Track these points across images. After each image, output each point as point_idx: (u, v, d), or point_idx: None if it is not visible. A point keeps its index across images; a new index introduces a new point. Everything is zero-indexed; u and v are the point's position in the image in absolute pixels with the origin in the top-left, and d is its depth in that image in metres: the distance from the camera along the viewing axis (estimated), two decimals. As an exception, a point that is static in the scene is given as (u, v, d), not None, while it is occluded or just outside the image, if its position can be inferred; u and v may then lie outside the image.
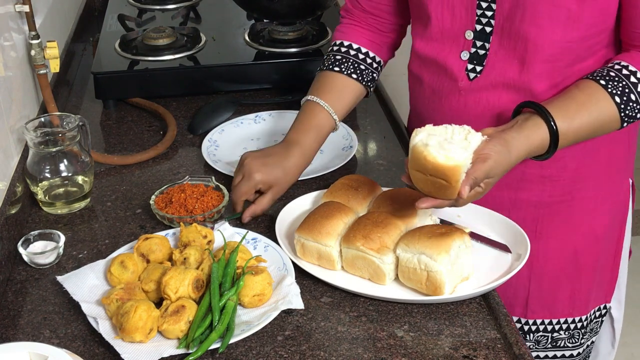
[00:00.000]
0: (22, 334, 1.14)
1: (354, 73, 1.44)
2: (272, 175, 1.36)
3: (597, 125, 1.24)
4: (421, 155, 1.11)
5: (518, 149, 1.20)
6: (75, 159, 1.43)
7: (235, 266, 1.18)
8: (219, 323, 1.09)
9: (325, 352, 1.09)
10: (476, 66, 1.31)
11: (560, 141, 1.22)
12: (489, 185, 1.19)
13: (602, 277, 1.48)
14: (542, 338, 1.49)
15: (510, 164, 1.19)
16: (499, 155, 1.16)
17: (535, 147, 1.22)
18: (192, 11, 2.22)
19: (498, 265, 1.23)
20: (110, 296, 1.12)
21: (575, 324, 1.48)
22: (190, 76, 1.86)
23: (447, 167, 1.09)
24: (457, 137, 1.15)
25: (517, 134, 1.21)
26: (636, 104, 1.23)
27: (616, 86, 1.22)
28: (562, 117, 1.21)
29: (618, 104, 1.22)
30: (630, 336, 2.81)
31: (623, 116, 1.23)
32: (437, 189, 1.13)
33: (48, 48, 1.54)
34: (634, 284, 2.98)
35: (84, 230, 1.38)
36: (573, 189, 1.37)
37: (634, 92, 1.22)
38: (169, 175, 1.55)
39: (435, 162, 1.09)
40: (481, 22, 1.28)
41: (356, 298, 1.20)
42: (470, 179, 1.13)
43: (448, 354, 1.09)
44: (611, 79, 1.22)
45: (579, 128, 1.23)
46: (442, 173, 1.10)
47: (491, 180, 1.18)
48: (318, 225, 1.23)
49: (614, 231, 1.46)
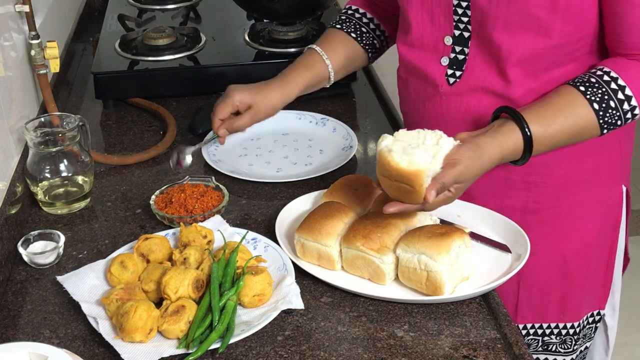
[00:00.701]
0: (22, 334, 1.14)
1: (354, 32, 1.51)
2: (249, 96, 1.42)
3: (575, 131, 1.24)
4: (385, 160, 1.12)
5: (490, 154, 1.20)
6: (75, 159, 1.43)
7: (235, 266, 1.17)
8: (219, 323, 1.09)
9: (325, 352, 1.09)
10: (456, 71, 1.32)
11: (536, 147, 1.22)
12: (459, 190, 1.19)
13: (595, 283, 1.47)
14: (532, 341, 1.48)
15: (482, 169, 1.20)
16: (469, 161, 1.17)
17: (508, 153, 1.22)
18: (192, 11, 2.22)
19: (498, 265, 1.23)
20: (110, 296, 1.12)
21: (567, 330, 1.47)
22: (190, 76, 1.86)
23: (410, 172, 1.10)
24: (429, 142, 1.16)
25: (491, 139, 1.21)
26: (616, 110, 1.22)
27: (595, 92, 1.21)
28: (537, 122, 1.21)
29: (596, 111, 1.21)
30: (630, 336, 2.80)
31: (602, 123, 1.23)
32: (402, 193, 1.15)
33: (48, 48, 1.54)
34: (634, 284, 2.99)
35: (84, 230, 1.38)
36: (560, 195, 1.36)
37: (613, 99, 1.21)
38: (169, 175, 1.55)
39: (398, 167, 1.11)
40: (459, 27, 1.30)
41: (356, 298, 1.20)
42: (438, 183, 1.13)
43: (448, 354, 1.09)
44: (591, 85, 1.22)
45: (555, 134, 1.23)
46: (405, 178, 1.11)
47: (462, 185, 1.18)
48: (318, 225, 1.23)
49: (605, 238, 1.44)
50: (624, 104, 1.21)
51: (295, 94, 1.47)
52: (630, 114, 1.23)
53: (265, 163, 1.58)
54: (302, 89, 1.48)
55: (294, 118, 1.71)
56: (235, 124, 1.42)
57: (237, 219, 1.39)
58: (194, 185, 1.41)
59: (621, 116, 1.22)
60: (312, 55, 1.49)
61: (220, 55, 1.90)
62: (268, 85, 1.46)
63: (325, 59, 1.48)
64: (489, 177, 1.35)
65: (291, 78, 1.47)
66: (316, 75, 1.48)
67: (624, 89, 1.21)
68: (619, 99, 1.21)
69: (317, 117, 1.71)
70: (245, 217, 1.41)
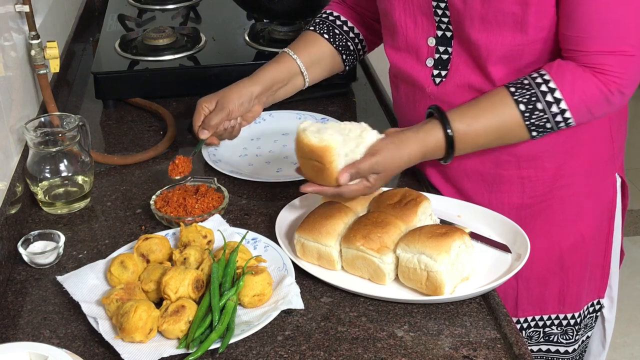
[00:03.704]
0: (22, 334, 1.14)
1: (326, 33, 1.51)
2: (214, 97, 1.45)
3: (500, 132, 1.25)
4: (299, 138, 1.22)
5: (411, 149, 1.25)
6: (75, 159, 1.43)
7: (235, 266, 1.17)
8: (219, 323, 1.09)
9: (325, 352, 1.09)
10: (441, 71, 1.33)
11: (458, 145, 1.25)
12: (379, 181, 1.25)
13: (593, 274, 1.47)
14: (534, 333, 1.49)
15: (402, 162, 1.25)
16: (388, 152, 1.23)
17: (429, 149, 1.26)
18: (192, 11, 2.22)
19: (498, 265, 1.23)
20: (110, 296, 1.12)
21: (567, 321, 1.48)
22: (190, 76, 1.86)
23: (319, 147, 1.19)
24: (353, 133, 1.23)
25: (413, 134, 1.26)
26: (543, 113, 1.22)
27: (524, 94, 1.22)
28: (460, 121, 1.25)
29: (522, 112, 1.22)
30: (630, 336, 2.81)
31: (529, 125, 1.23)
32: (316, 172, 1.23)
33: (48, 48, 1.54)
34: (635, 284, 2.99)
35: (84, 230, 1.38)
36: (554, 189, 1.36)
37: (541, 101, 1.22)
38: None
39: (310, 143, 1.20)
40: (441, 27, 1.31)
41: (356, 298, 1.20)
42: (353, 168, 1.21)
43: (448, 354, 1.09)
44: (522, 86, 1.23)
45: (479, 133, 1.25)
46: (316, 154, 1.20)
47: (380, 176, 1.24)
48: (318, 225, 1.23)
49: (602, 229, 1.44)
50: (553, 106, 1.22)
51: (262, 85, 1.47)
52: (561, 117, 1.22)
53: (265, 163, 1.58)
54: (270, 80, 1.47)
55: (294, 118, 1.71)
56: (207, 121, 1.43)
57: (237, 219, 1.39)
58: (194, 186, 1.42)
59: (550, 119, 1.23)
60: (280, 55, 1.51)
61: (220, 55, 1.90)
62: (233, 84, 1.48)
63: (292, 55, 1.49)
64: (482, 173, 1.36)
65: (257, 72, 1.48)
66: (285, 69, 1.49)
67: (554, 91, 1.21)
68: (547, 101, 1.21)
69: (317, 117, 1.71)
70: (245, 217, 1.41)
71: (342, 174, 1.20)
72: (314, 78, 1.53)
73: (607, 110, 1.25)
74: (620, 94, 1.21)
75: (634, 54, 1.19)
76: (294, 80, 1.51)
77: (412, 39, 1.35)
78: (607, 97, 1.21)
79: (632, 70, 1.20)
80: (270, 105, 1.53)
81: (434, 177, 1.45)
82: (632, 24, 1.17)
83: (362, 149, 1.22)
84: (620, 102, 1.23)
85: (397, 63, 1.40)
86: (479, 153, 1.33)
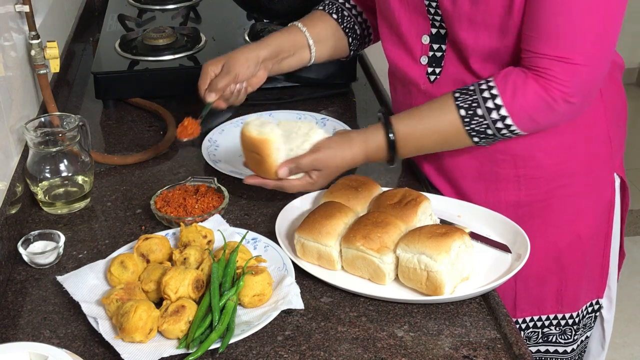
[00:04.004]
0: (22, 334, 1.14)
1: (335, 14, 1.53)
2: (221, 59, 1.45)
3: (441, 136, 1.28)
4: (242, 131, 1.29)
5: (354, 150, 1.29)
6: (75, 159, 1.43)
7: (235, 266, 1.17)
8: (219, 323, 1.09)
9: (325, 352, 1.09)
10: (435, 68, 1.34)
11: (401, 147, 1.29)
12: (321, 178, 1.30)
13: (592, 274, 1.47)
14: (532, 334, 1.49)
15: (344, 160, 1.29)
16: (330, 151, 1.28)
17: (372, 151, 1.30)
18: (192, 11, 2.22)
19: (498, 265, 1.23)
20: (110, 296, 1.12)
21: (565, 320, 1.48)
22: (190, 76, 1.85)
23: (258, 140, 1.26)
24: (302, 131, 1.29)
25: (359, 135, 1.31)
26: (483, 119, 1.23)
27: (466, 99, 1.24)
28: (403, 124, 1.28)
29: (462, 117, 1.24)
30: (630, 336, 2.81)
31: (469, 130, 1.24)
32: (257, 164, 1.30)
33: (48, 48, 1.54)
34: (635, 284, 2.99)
35: (84, 230, 1.38)
36: (551, 187, 1.36)
37: (481, 107, 1.22)
38: (169, 175, 1.55)
39: (250, 136, 1.27)
40: (435, 25, 1.32)
41: (356, 298, 1.20)
42: (293, 162, 1.27)
43: (448, 354, 1.09)
44: (467, 92, 1.24)
45: (419, 136, 1.28)
46: (255, 146, 1.27)
47: (322, 172, 1.29)
48: (318, 225, 1.23)
49: (600, 229, 1.44)
50: (493, 112, 1.22)
51: (269, 49, 1.47)
52: (502, 123, 1.23)
53: (265, 163, 1.58)
54: (277, 47, 1.48)
55: (294, 118, 1.71)
56: (213, 84, 1.43)
57: (237, 219, 1.39)
58: (194, 186, 1.42)
59: (490, 125, 1.23)
60: (289, 26, 1.52)
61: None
62: (240, 47, 1.48)
63: (302, 28, 1.50)
64: (479, 172, 1.36)
65: (264, 38, 1.49)
66: (292, 39, 1.50)
67: (495, 97, 1.22)
68: (487, 107, 1.22)
69: (317, 117, 1.71)
70: (245, 217, 1.41)
71: (281, 167, 1.27)
72: (320, 55, 1.53)
73: (554, 120, 1.24)
74: (567, 103, 1.20)
75: (583, 64, 1.17)
76: (300, 53, 1.51)
77: (407, 37, 1.36)
78: (549, 105, 1.20)
79: (578, 80, 1.19)
80: (275, 74, 1.52)
81: (431, 173, 1.45)
82: (588, 34, 1.16)
83: (307, 145, 1.28)
84: (569, 111, 1.22)
85: (394, 60, 1.41)
86: (473, 151, 1.34)
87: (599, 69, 1.20)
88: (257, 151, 1.27)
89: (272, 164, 1.27)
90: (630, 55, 4.32)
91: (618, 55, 1.41)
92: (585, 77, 1.19)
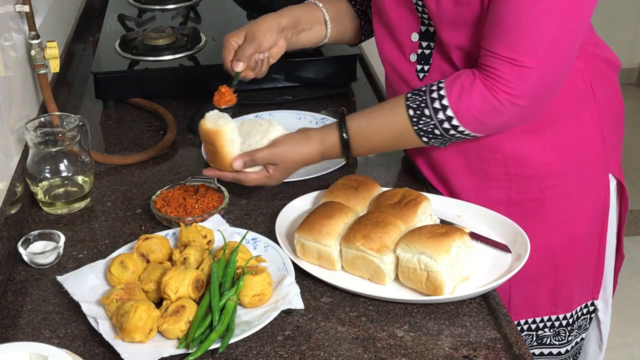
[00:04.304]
0: (22, 334, 1.14)
1: None
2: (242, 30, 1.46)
3: (392, 135, 1.30)
4: (200, 124, 1.35)
5: (310, 147, 1.33)
6: (75, 159, 1.43)
7: (235, 266, 1.18)
8: (219, 323, 1.09)
9: (325, 352, 1.09)
10: (424, 66, 1.35)
11: (355, 147, 1.32)
12: (278, 172, 1.33)
13: (586, 275, 1.46)
14: (527, 337, 1.48)
15: (300, 156, 1.33)
16: (287, 146, 1.32)
17: (327, 149, 1.33)
18: (192, 11, 2.22)
19: (498, 265, 1.23)
20: (110, 296, 1.12)
21: (559, 322, 1.47)
22: (190, 76, 1.86)
23: (212, 131, 1.32)
24: (262, 127, 1.35)
25: (316, 133, 1.34)
26: (430, 119, 1.24)
27: (415, 99, 1.26)
28: (356, 123, 1.31)
29: (410, 117, 1.26)
30: (630, 336, 2.81)
31: (417, 130, 1.26)
32: (213, 156, 1.36)
33: (48, 48, 1.54)
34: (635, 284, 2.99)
35: (84, 230, 1.38)
36: (543, 187, 1.36)
37: (429, 107, 1.24)
38: (169, 175, 1.55)
39: (206, 127, 1.33)
40: (424, 23, 1.33)
41: (356, 298, 1.20)
42: (248, 156, 1.32)
43: (448, 354, 1.09)
44: (418, 92, 1.26)
45: (371, 135, 1.31)
46: (210, 138, 1.33)
47: (279, 167, 1.33)
48: (318, 225, 1.23)
49: (594, 229, 1.43)
50: (440, 113, 1.23)
51: (288, 18, 1.47)
52: (449, 124, 1.24)
53: (265, 163, 1.58)
54: (296, 17, 1.48)
55: (294, 118, 1.71)
56: (240, 53, 1.44)
57: (237, 219, 1.40)
58: (194, 186, 1.42)
59: (437, 125, 1.24)
60: (306, 2, 1.53)
61: (220, 55, 1.89)
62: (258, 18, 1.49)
63: (319, 4, 1.51)
64: (468, 170, 1.37)
65: (283, 9, 1.49)
66: (310, 13, 1.51)
67: (442, 98, 1.23)
68: (434, 107, 1.24)
69: (317, 117, 1.71)
70: (245, 217, 1.41)
71: (236, 159, 1.32)
72: (335, 34, 1.54)
73: (502, 121, 1.24)
74: (513, 105, 1.20)
75: (533, 67, 1.17)
76: (317, 27, 1.52)
77: (398, 33, 1.37)
78: (495, 107, 1.20)
79: (527, 83, 1.18)
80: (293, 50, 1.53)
81: (425, 170, 1.46)
82: (540, 38, 1.15)
83: (265, 141, 1.33)
84: (518, 113, 1.22)
85: (386, 56, 1.42)
86: (462, 149, 1.35)
87: (552, 74, 1.20)
88: (212, 142, 1.33)
89: (226, 155, 1.33)
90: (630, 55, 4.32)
91: (613, 55, 1.40)
92: (535, 80, 1.18)
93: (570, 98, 1.31)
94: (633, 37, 4.28)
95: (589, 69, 1.32)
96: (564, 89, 1.28)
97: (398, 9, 1.35)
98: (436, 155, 1.39)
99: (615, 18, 4.07)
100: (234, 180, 1.36)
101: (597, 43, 1.37)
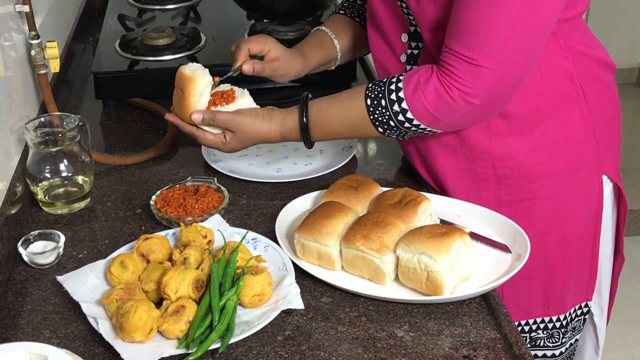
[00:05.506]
0: (22, 334, 1.14)
1: (357, 17, 1.56)
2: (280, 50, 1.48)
3: (350, 123, 1.32)
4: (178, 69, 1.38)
5: (272, 125, 1.36)
6: (75, 159, 1.43)
7: (235, 266, 1.18)
8: (219, 323, 1.09)
9: (325, 352, 1.09)
10: (413, 66, 1.35)
11: (313, 132, 1.34)
12: (234, 141, 1.36)
13: (580, 276, 1.45)
14: None
15: (260, 132, 1.35)
16: (249, 118, 1.35)
17: (287, 131, 1.36)
18: (192, 11, 2.22)
19: (498, 265, 1.23)
20: (110, 296, 1.12)
21: (553, 323, 1.46)
22: (190, 76, 1.85)
23: (186, 77, 1.35)
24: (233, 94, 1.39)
25: (280, 114, 1.37)
26: (385, 110, 1.25)
27: (374, 89, 1.28)
28: (315, 108, 1.34)
29: (368, 106, 1.28)
30: (630, 336, 2.81)
31: (373, 120, 1.28)
32: (178, 101, 1.38)
33: (48, 48, 1.54)
34: (635, 284, 2.99)
35: (84, 230, 1.38)
36: (533, 187, 1.36)
37: (385, 97, 1.25)
38: (169, 175, 1.55)
39: (182, 72, 1.37)
40: (413, 24, 1.33)
41: (356, 298, 1.20)
42: (209, 113, 1.35)
43: (448, 354, 1.09)
44: (379, 82, 1.28)
45: (329, 122, 1.33)
46: (182, 82, 1.36)
47: (236, 136, 1.35)
48: (318, 225, 1.23)
49: (587, 230, 1.42)
50: (395, 105, 1.24)
51: (310, 68, 1.53)
52: (403, 117, 1.24)
53: (265, 163, 1.58)
54: (316, 65, 1.54)
55: (294, 118, 1.71)
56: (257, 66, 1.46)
57: (237, 219, 1.40)
58: (194, 186, 1.42)
59: (392, 117, 1.25)
60: (321, 35, 1.54)
61: (220, 55, 1.89)
62: (292, 51, 1.50)
63: (334, 39, 1.54)
64: (458, 170, 1.37)
65: (308, 54, 1.52)
66: (327, 54, 1.54)
67: (399, 90, 1.24)
68: (390, 99, 1.25)
69: (317, 117, 1.71)
70: (245, 217, 1.41)
71: (197, 112, 1.35)
72: (341, 62, 1.58)
73: (456, 119, 1.23)
74: (467, 103, 1.20)
75: (489, 67, 1.16)
76: (326, 66, 1.57)
77: (389, 34, 1.38)
78: (448, 103, 1.20)
79: (482, 82, 1.18)
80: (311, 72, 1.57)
81: (421, 169, 1.46)
82: (496, 38, 1.15)
83: (231, 107, 1.37)
84: (473, 112, 1.22)
85: (379, 57, 1.42)
86: (452, 149, 1.34)
87: (509, 76, 1.19)
88: (183, 88, 1.36)
89: (190, 104, 1.35)
90: (630, 55, 4.31)
91: (608, 56, 1.40)
92: (491, 80, 1.18)
93: (558, 98, 1.30)
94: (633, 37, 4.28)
95: (579, 69, 1.31)
96: (551, 90, 1.28)
97: (387, 10, 1.36)
98: (429, 155, 1.40)
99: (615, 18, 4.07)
100: (190, 134, 1.39)
101: (591, 44, 1.36)
